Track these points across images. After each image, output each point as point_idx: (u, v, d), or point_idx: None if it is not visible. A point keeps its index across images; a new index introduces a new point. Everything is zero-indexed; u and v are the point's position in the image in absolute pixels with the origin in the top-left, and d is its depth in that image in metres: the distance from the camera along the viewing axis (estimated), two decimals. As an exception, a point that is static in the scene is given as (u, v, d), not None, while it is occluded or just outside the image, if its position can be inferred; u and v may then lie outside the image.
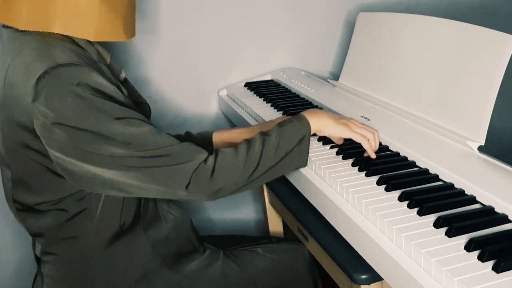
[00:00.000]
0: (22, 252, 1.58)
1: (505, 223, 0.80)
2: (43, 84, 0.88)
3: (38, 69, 0.89)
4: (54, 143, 0.90)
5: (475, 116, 1.04)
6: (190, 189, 0.92)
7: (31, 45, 0.93)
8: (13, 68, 0.93)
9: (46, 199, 1.00)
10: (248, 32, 1.70)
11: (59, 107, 0.88)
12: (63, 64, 0.90)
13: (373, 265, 0.85)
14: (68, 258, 1.05)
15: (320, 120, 1.05)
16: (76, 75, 0.89)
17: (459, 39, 1.12)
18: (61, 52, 0.92)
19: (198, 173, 0.92)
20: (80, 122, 0.88)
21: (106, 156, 0.90)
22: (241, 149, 0.96)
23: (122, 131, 0.90)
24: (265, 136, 0.99)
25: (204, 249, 1.18)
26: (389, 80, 1.32)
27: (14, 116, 0.94)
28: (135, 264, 1.07)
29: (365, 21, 1.50)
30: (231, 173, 0.94)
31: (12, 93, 0.93)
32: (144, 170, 0.91)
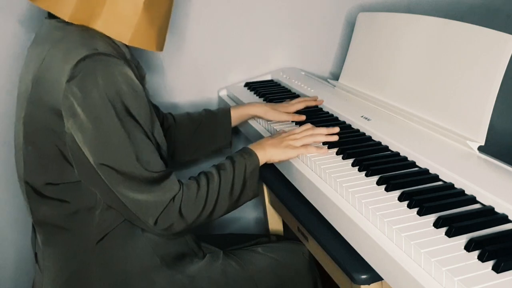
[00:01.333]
0: (21, 250, 1.58)
1: (505, 223, 0.80)
2: (82, 66, 0.93)
3: (79, 54, 0.94)
4: (74, 126, 0.94)
5: (475, 116, 1.04)
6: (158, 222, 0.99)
7: (74, 33, 0.99)
8: (53, 52, 0.97)
9: (53, 180, 1.02)
10: (248, 32, 1.70)
11: (90, 91, 0.92)
12: (104, 53, 0.95)
13: (373, 265, 0.85)
14: (67, 251, 1.06)
15: (266, 152, 1.12)
16: (113, 65, 0.95)
17: (459, 39, 1.12)
18: (102, 43, 0.98)
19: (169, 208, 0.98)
20: (104, 111, 0.93)
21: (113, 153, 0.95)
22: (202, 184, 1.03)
23: (136, 134, 0.95)
24: (222, 171, 1.06)
25: (203, 253, 1.18)
26: (389, 80, 1.32)
27: (43, 96, 0.97)
28: (134, 259, 1.07)
29: (365, 21, 1.50)
30: (195, 211, 1.01)
31: (48, 74, 0.97)
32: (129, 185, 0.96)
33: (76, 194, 1.02)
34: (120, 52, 1.03)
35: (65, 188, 1.02)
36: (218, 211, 1.05)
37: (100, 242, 1.05)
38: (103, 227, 1.04)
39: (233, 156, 1.10)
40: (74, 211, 1.03)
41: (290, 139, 1.14)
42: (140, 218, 0.99)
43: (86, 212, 1.03)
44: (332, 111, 1.36)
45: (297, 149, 1.12)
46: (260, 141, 1.15)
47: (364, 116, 1.26)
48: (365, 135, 1.19)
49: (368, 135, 1.18)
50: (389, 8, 1.79)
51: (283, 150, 1.12)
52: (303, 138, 1.13)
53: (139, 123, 0.97)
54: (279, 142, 1.14)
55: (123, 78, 0.95)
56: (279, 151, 1.12)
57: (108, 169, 0.95)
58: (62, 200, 1.03)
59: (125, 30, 1.01)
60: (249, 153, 1.10)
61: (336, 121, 1.30)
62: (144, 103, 0.98)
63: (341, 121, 1.30)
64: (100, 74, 0.92)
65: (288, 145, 1.13)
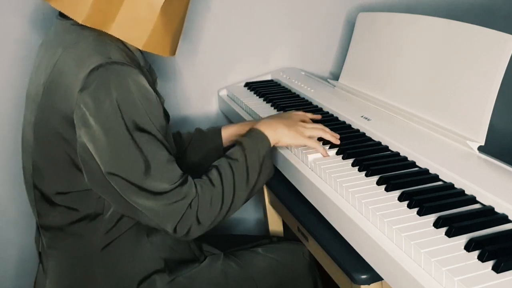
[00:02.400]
0: (23, 250, 1.58)
1: (505, 223, 0.80)
2: (95, 76, 0.91)
3: (93, 62, 0.92)
4: (86, 135, 0.92)
5: (475, 116, 1.04)
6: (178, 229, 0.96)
7: (88, 39, 0.97)
8: (66, 57, 0.96)
9: (63, 189, 1.01)
10: (248, 32, 1.70)
11: (103, 102, 0.90)
12: (117, 62, 0.93)
13: (373, 265, 0.85)
14: (72, 255, 1.05)
15: (277, 132, 1.09)
16: (127, 75, 0.93)
17: (459, 39, 1.12)
18: (116, 51, 0.96)
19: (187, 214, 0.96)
20: (116, 123, 0.91)
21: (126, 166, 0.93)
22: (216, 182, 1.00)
23: (148, 147, 0.93)
24: (233, 162, 1.03)
25: (204, 257, 1.18)
26: (389, 80, 1.32)
27: (55, 102, 0.96)
28: (138, 264, 1.07)
29: (365, 21, 1.50)
30: (213, 212, 0.99)
31: (60, 80, 0.95)
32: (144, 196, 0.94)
33: (85, 202, 1.01)
34: (133, 57, 1.02)
35: (75, 197, 1.01)
36: (236, 204, 1.02)
37: (105, 248, 1.04)
38: (110, 234, 1.04)
39: (243, 142, 1.06)
40: (82, 218, 1.02)
41: (301, 125, 1.12)
42: (158, 225, 0.97)
43: (93, 219, 1.02)
44: (332, 111, 1.36)
45: (306, 139, 1.09)
46: (271, 119, 1.12)
47: (364, 116, 1.26)
48: (365, 135, 1.19)
49: (368, 135, 1.18)
50: (389, 8, 1.79)
51: (295, 135, 1.09)
52: (313, 129, 1.12)
53: (152, 134, 0.94)
54: (291, 124, 1.11)
55: (136, 88, 0.93)
56: (290, 134, 1.09)
57: (121, 180, 0.93)
58: (71, 208, 1.02)
59: (139, 34, 0.99)
60: (260, 137, 1.07)
61: (336, 121, 1.30)
62: (158, 112, 0.97)
63: (341, 121, 1.30)
64: (114, 85, 0.91)
65: (299, 131, 1.10)
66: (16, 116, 1.46)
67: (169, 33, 1.03)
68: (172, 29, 1.04)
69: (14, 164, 1.51)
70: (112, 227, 1.03)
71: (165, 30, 1.02)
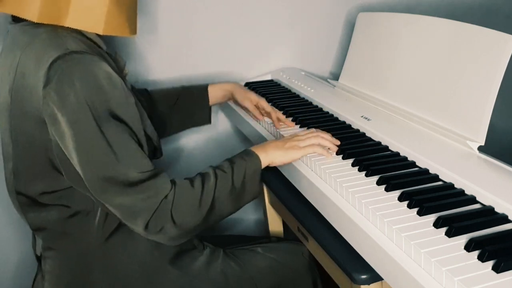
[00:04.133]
0: (22, 251, 1.58)
1: (505, 223, 0.80)
2: (55, 69, 0.90)
3: (51, 56, 0.91)
4: (57, 131, 0.92)
5: (475, 116, 1.04)
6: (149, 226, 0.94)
7: (42, 36, 0.96)
8: (25, 58, 0.95)
9: (47, 189, 1.01)
10: (248, 32, 1.70)
11: (67, 95, 0.89)
12: (76, 51, 0.92)
13: (373, 265, 0.85)
14: (70, 253, 1.05)
15: (268, 154, 1.08)
16: (87, 62, 0.92)
17: (459, 39, 1.12)
18: (73, 42, 0.95)
19: (160, 209, 0.94)
20: (82, 115, 0.90)
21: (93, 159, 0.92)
22: (197, 184, 0.99)
23: (116, 137, 0.92)
24: (219, 171, 1.02)
25: (203, 246, 1.18)
26: (389, 80, 1.32)
27: (24, 105, 0.95)
28: (136, 260, 1.07)
29: (365, 21, 1.50)
30: (188, 213, 0.97)
31: (23, 82, 0.95)
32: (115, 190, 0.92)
33: (74, 198, 1.01)
34: (93, 46, 1.01)
35: (61, 195, 1.01)
36: (218, 212, 1.01)
37: (102, 244, 1.04)
38: (104, 229, 1.04)
39: (233, 157, 1.07)
40: (74, 214, 1.02)
41: (294, 140, 1.11)
42: (129, 223, 0.95)
43: (86, 215, 1.03)
44: (332, 111, 1.36)
45: (302, 150, 1.08)
46: (262, 144, 1.12)
47: (364, 116, 1.26)
48: (365, 135, 1.19)
49: (368, 135, 1.18)
50: (389, 8, 1.79)
51: (286, 152, 1.08)
52: (308, 139, 1.10)
53: (123, 121, 0.93)
54: (282, 144, 1.10)
55: (100, 74, 0.92)
56: (281, 152, 1.09)
57: (90, 175, 0.92)
58: (61, 205, 1.02)
59: (96, 21, 0.98)
60: (250, 155, 1.07)
61: (336, 121, 1.30)
62: (125, 97, 0.95)
63: (341, 121, 1.30)
64: (76, 75, 0.90)
65: (291, 146, 1.09)
66: None
67: (124, 13, 1.02)
68: (126, 8, 1.03)
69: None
70: (105, 221, 1.03)
71: (119, 11, 1.01)
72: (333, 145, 1.10)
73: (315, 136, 1.10)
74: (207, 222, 1.01)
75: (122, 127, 0.93)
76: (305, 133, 1.13)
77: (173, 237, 0.98)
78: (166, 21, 1.60)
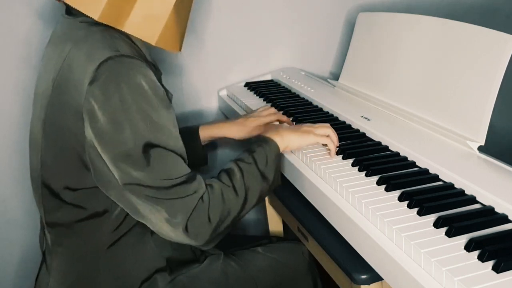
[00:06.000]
0: (24, 251, 1.58)
1: (505, 223, 0.80)
2: (104, 68, 0.91)
3: (103, 55, 0.92)
4: (93, 129, 0.92)
5: (475, 116, 1.04)
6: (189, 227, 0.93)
7: (96, 34, 0.97)
8: (75, 52, 0.96)
9: (72, 185, 1.00)
10: (248, 32, 1.70)
11: (112, 95, 0.90)
12: (126, 55, 0.93)
13: (373, 265, 0.85)
14: (78, 252, 1.05)
15: (284, 138, 1.08)
16: (136, 68, 0.93)
17: (459, 39, 1.12)
18: (124, 45, 0.97)
19: (198, 210, 0.93)
20: (124, 117, 0.90)
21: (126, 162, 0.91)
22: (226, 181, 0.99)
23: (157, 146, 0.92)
24: (241, 163, 1.02)
25: (204, 257, 1.18)
26: (389, 80, 1.32)
27: (65, 98, 0.96)
28: (141, 264, 1.07)
29: (365, 21, 1.50)
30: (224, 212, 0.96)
31: (69, 75, 0.95)
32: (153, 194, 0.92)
33: (93, 200, 1.01)
34: (140, 53, 1.02)
35: (83, 194, 1.01)
36: (248, 205, 1.01)
37: (111, 246, 1.04)
38: (116, 232, 1.03)
39: (251, 146, 1.06)
40: (89, 216, 1.02)
41: (309, 125, 1.11)
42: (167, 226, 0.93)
43: (99, 217, 1.02)
44: (332, 111, 1.36)
45: (318, 136, 1.08)
46: (276, 129, 1.12)
47: (364, 116, 1.26)
48: (365, 135, 1.19)
49: (368, 135, 1.18)
50: (389, 8, 1.79)
51: (301, 135, 1.08)
52: (323, 128, 1.10)
53: (164, 127, 0.94)
54: (296, 127, 1.10)
55: (146, 82, 0.92)
56: (296, 136, 1.08)
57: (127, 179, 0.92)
58: (78, 206, 1.02)
59: (152, 31, 0.99)
60: (267, 141, 1.06)
61: (336, 121, 1.30)
62: (167, 105, 0.96)
63: (341, 121, 1.30)
64: (123, 78, 0.91)
65: (306, 130, 1.09)
66: (20, 117, 1.46)
67: (179, 29, 1.05)
68: (181, 25, 1.05)
69: (17, 164, 1.51)
70: (118, 225, 1.03)
71: (176, 26, 1.03)
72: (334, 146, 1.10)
73: (328, 127, 1.11)
74: (240, 215, 1.00)
75: (161, 135, 0.93)
76: (318, 124, 1.13)
77: (208, 239, 0.97)
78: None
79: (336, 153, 1.09)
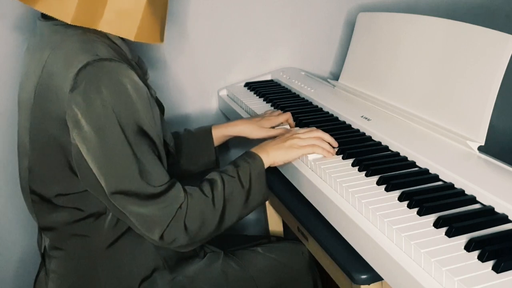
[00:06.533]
0: (24, 250, 1.58)
1: (505, 223, 0.80)
2: (84, 74, 0.90)
3: (80, 61, 0.91)
4: (79, 136, 0.92)
5: (475, 116, 1.04)
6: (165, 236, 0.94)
7: (73, 38, 0.96)
8: (53, 58, 0.95)
9: (63, 191, 1.00)
10: (248, 32, 1.70)
11: (93, 101, 0.89)
12: (105, 58, 0.92)
13: (373, 265, 0.85)
14: (76, 254, 1.05)
15: (269, 154, 1.08)
16: (116, 71, 0.92)
17: (459, 39, 1.12)
18: (103, 47, 0.95)
19: (175, 220, 0.94)
20: (107, 122, 0.90)
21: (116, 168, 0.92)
22: (207, 191, 0.99)
23: (140, 149, 0.92)
24: (225, 175, 1.02)
25: (204, 253, 1.18)
26: (389, 80, 1.32)
27: (47, 105, 0.95)
28: (140, 264, 1.07)
29: (365, 21, 1.50)
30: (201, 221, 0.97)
31: (50, 82, 0.94)
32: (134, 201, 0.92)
33: (87, 201, 1.01)
34: (120, 52, 1.01)
35: (76, 197, 1.01)
36: (228, 218, 1.02)
37: (109, 247, 1.04)
38: (113, 232, 1.03)
39: (236, 161, 1.07)
40: (85, 217, 1.02)
41: (294, 138, 1.11)
42: (144, 232, 0.96)
43: (96, 218, 1.02)
44: (332, 111, 1.36)
45: (302, 148, 1.08)
46: (261, 145, 1.12)
47: (364, 116, 1.26)
48: (365, 135, 1.19)
49: (368, 135, 1.18)
50: (389, 8, 1.79)
51: (286, 151, 1.09)
52: (309, 138, 1.10)
53: (146, 130, 0.94)
54: (281, 142, 1.10)
55: (127, 84, 0.92)
56: (282, 152, 1.09)
57: (110, 183, 0.92)
58: (74, 208, 1.02)
59: (129, 26, 0.98)
60: (253, 157, 1.07)
61: (336, 121, 1.30)
62: (150, 108, 0.96)
63: (341, 121, 1.30)
64: (104, 82, 0.90)
65: (292, 144, 1.09)
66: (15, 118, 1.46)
67: (158, 20, 1.03)
68: (159, 15, 1.03)
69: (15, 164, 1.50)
70: (115, 225, 1.03)
71: (153, 18, 1.01)
72: (331, 148, 1.09)
73: (315, 137, 1.10)
74: (219, 228, 1.01)
75: (145, 139, 0.94)
76: (305, 131, 1.13)
77: (185, 245, 0.98)
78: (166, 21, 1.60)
79: (336, 153, 1.09)
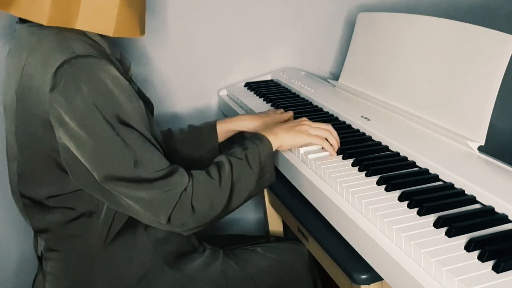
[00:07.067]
0: (23, 250, 1.58)
1: (505, 223, 0.80)
2: (62, 73, 0.90)
3: (57, 60, 0.91)
4: (65, 134, 0.92)
5: (475, 116, 1.04)
6: (172, 219, 0.94)
7: (49, 38, 0.95)
8: (31, 60, 0.95)
9: (54, 193, 1.00)
10: (248, 32, 1.70)
11: (74, 99, 0.89)
12: (82, 55, 0.92)
13: (373, 265, 0.85)
14: (72, 255, 1.05)
15: (278, 136, 1.08)
16: (94, 66, 0.92)
17: (459, 39, 1.12)
18: (79, 44, 0.95)
19: (181, 202, 0.94)
20: (91, 118, 0.90)
21: (109, 158, 0.91)
22: (213, 174, 0.98)
23: (129, 137, 0.92)
24: (233, 158, 1.01)
25: (203, 248, 1.18)
26: (389, 80, 1.32)
27: (30, 107, 0.95)
28: (136, 263, 1.07)
29: (365, 21, 1.50)
30: (209, 203, 0.96)
31: (30, 84, 0.94)
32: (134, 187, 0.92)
33: (79, 200, 1.01)
34: (99, 49, 1.00)
35: (68, 197, 1.01)
36: (235, 201, 1.00)
37: (105, 245, 1.04)
38: (107, 230, 1.03)
39: (244, 142, 1.05)
40: (78, 216, 1.02)
41: (304, 124, 1.10)
42: (151, 217, 0.94)
43: (89, 216, 1.02)
44: (332, 111, 1.36)
45: (311, 137, 1.08)
46: (270, 126, 1.11)
47: (364, 116, 1.26)
48: (365, 135, 1.19)
49: (368, 135, 1.18)
50: (389, 8, 1.79)
51: (296, 135, 1.08)
52: (319, 129, 1.09)
53: (132, 122, 0.93)
54: (292, 126, 1.10)
55: (106, 78, 0.92)
56: (291, 135, 1.08)
57: (105, 174, 0.92)
58: (66, 208, 1.02)
59: (107, 22, 0.97)
60: (260, 139, 1.06)
61: (336, 121, 1.30)
62: (132, 100, 0.95)
63: (341, 121, 1.30)
64: (83, 79, 0.90)
65: (301, 130, 1.08)
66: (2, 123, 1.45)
67: (135, 14, 1.02)
68: (137, 8, 1.02)
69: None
70: (109, 223, 1.03)
71: (130, 11, 1.00)
72: (336, 146, 1.09)
73: (325, 129, 1.10)
74: (227, 210, 1.00)
75: (133, 129, 0.93)
76: (317, 124, 1.12)
77: (195, 227, 0.97)
78: (167, 21, 1.60)
79: (336, 153, 1.09)
